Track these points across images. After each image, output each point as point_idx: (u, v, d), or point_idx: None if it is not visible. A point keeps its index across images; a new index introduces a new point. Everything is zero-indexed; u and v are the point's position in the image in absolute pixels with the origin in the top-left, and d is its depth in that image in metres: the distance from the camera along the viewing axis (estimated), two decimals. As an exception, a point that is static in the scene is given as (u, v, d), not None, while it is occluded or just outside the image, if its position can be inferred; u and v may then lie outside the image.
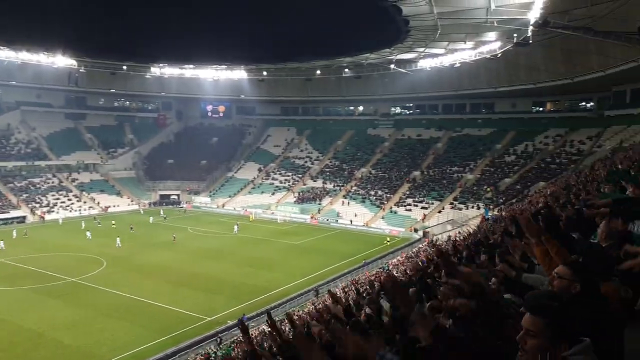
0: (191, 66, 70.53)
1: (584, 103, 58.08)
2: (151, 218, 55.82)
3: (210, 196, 70.00)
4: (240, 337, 24.55)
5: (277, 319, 26.12)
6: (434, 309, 4.35)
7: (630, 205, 5.24)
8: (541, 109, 62.23)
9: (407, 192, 58.50)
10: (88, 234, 46.68)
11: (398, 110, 75.89)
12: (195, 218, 59.43)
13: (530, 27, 35.34)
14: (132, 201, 67.45)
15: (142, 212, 63.09)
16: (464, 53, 50.04)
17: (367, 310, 7.00)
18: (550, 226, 6.94)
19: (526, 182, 50.65)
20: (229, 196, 68.75)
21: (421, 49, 52.37)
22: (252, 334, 24.12)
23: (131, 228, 49.74)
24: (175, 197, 70.86)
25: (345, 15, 44.36)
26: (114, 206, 64.32)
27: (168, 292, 30.78)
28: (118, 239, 43.26)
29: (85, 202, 63.46)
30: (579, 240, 5.94)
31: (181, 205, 68.15)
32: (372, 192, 60.56)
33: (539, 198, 24.02)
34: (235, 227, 50.29)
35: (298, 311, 26.40)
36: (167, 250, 42.01)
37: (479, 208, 49.37)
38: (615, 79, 43.44)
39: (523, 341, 2.38)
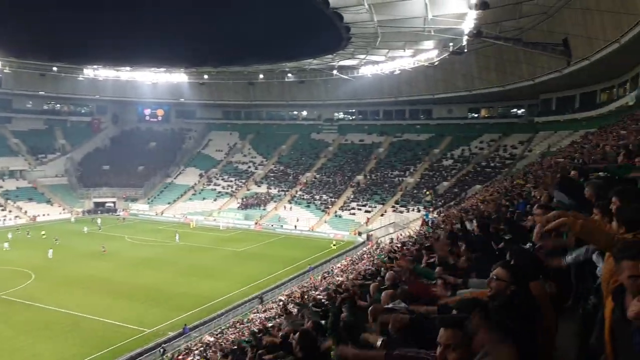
0: (128, 68, 67.99)
1: (515, 110, 61.13)
2: (85, 228, 52.71)
3: (148, 203, 67.50)
4: (184, 348, 23.78)
5: (220, 328, 25.60)
6: None
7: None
8: (476, 115, 64.94)
9: (351, 196, 59.17)
10: (5, 245, 43.28)
11: (341, 115, 76.78)
12: (132, 226, 57.04)
13: (465, 37, 36.90)
14: (63, 209, 63.75)
15: (73, 220, 59.66)
16: (403, 61, 51.52)
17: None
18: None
19: (463, 186, 52.63)
20: (169, 203, 66.62)
21: (362, 56, 53.40)
22: (193, 345, 23.42)
23: (56, 240, 45.29)
24: (111, 204, 67.72)
25: (287, 20, 44.45)
26: (44, 215, 60.47)
27: (104, 304, 29.26)
28: (50, 250, 40.56)
29: (10, 212, 59.24)
30: (510, 242, 6.16)
31: (117, 213, 65.23)
32: (317, 197, 60.76)
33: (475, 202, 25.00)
34: (177, 235, 48.66)
35: (242, 320, 25.96)
36: (103, 260, 39.98)
37: (419, 211, 50.74)
38: (543, 88, 46.20)
39: (443, 357, 2.35)
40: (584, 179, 6.33)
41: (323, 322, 6.45)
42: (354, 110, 75.06)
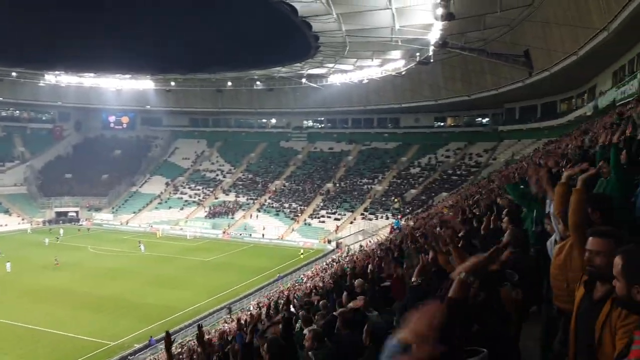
0: (92, 74, 66.36)
1: (480, 119, 62.60)
2: (46, 239, 50.54)
3: (112, 212, 65.73)
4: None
5: (188, 339, 25.08)
6: None
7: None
8: (442, 123, 66.20)
9: (321, 204, 59.24)
10: None
11: (310, 123, 76.98)
12: (96, 236, 55.34)
13: (431, 47, 37.72)
14: (23, 220, 61.33)
15: (29, 231, 57.30)
16: (371, 70, 52.22)
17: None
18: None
19: (430, 193, 53.50)
20: (134, 212, 65.06)
21: (331, 65, 53.83)
22: (159, 357, 22.86)
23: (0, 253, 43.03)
24: (74, 214, 65.59)
25: (256, 28, 44.41)
26: (2, 226, 57.99)
27: (66, 317, 28.22)
28: (8, 263, 38.71)
29: (-35, 222, 56.70)
30: (479, 248, 6.27)
31: (80, 223, 63.22)
32: (286, 205, 60.54)
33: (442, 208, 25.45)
34: (142, 246, 47.43)
35: (210, 330, 25.46)
36: (65, 272, 38.54)
37: (387, 218, 51.25)
38: (506, 97, 47.56)
39: None
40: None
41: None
42: (323, 119, 75.41)
